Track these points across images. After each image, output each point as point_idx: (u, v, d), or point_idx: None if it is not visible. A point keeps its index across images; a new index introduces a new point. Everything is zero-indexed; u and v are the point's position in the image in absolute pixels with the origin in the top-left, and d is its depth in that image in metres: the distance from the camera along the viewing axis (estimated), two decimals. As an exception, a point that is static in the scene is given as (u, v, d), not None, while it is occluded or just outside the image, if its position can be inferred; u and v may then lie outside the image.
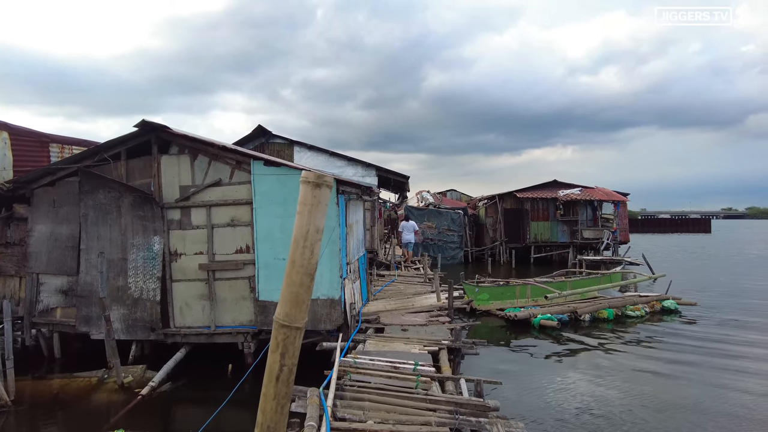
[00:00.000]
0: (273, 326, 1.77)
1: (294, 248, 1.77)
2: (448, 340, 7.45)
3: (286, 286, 1.78)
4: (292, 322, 1.79)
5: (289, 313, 1.78)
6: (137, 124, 8.34)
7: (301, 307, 1.78)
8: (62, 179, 8.98)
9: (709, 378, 8.58)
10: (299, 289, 1.78)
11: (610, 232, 26.16)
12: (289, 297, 1.78)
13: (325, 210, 1.75)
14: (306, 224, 1.77)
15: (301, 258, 1.75)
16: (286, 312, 1.79)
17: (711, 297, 15.91)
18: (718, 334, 11.51)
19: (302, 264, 1.76)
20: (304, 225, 1.74)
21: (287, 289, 1.77)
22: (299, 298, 1.77)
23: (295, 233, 1.75)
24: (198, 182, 8.64)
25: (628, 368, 9.20)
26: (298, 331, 1.80)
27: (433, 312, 9.69)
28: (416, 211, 26.30)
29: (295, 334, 1.79)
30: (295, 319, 1.79)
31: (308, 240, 1.73)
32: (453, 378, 5.74)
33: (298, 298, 1.77)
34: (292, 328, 1.79)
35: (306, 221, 1.78)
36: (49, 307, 9.02)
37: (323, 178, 1.70)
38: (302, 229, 1.75)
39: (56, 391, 7.70)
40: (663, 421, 6.79)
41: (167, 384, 7.86)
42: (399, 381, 5.33)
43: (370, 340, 7.51)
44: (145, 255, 8.65)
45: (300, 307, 1.77)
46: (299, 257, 1.76)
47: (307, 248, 1.73)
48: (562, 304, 13.31)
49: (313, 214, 1.75)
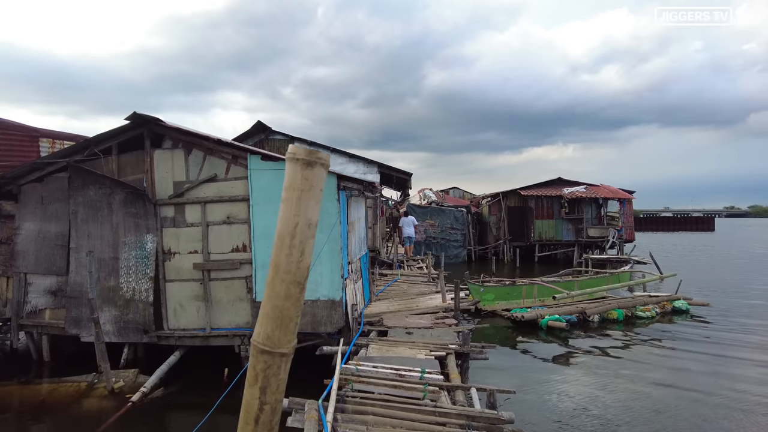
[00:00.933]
0: (251, 351, 1.27)
1: (278, 248, 1.26)
2: (455, 344, 7.05)
3: (267, 298, 1.29)
4: (276, 346, 1.32)
5: (271, 335, 1.31)
6: (129, 117, 7.94)
7: (288, 326, 1.28)
8: (51, 175, 8.58)
9: (725, 385, 8.17)
10: (285, 302, 1.28)
11: (616, 230, 25.73)
12: (272, 313, 1.30)
13: (319, 197, 1.30)
14: (294, 216, 1.31)
15: (288, 261, 1.28)
16: (267, 333, 1.32)
17: (722, 297, 15.48)
18: (734, 337, 11.09)
19: (289, 269, 1.29)
20: (292, 217, 1.29)
21: (269, 303, 1.29)
22: (285, 315, 1.29)
23: (280, 228, 1.29)
24: (192, 178, 8.25)
25: (641, 373, 8.79)
26: (284, 358, 1.31)
27: (439, 313, 9.30)
28: (419, 209, 25.88)
29: (279, 362, 1.30)
30: (279, 343, 1.31)
31: (297, 237, 1.27)
32: (463, 387, 5.34)
33: (284, 314, 1.29)
34: (275, 354, 1.31)
35: (294, 212, 1.31)
36: (37, 308, 8.63)
37: (316, 154, 1.25)
38: (289, 223, 1.29)
39: (43, 396, 7.32)
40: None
41: (160, 389, 7.48)
42: (405, 391, 4.94)
43: (373, 344, 7.11)
44: (138, 254, 8.26)
45: (286, 327, 1.27)
46: (285, 260, 1.29)
47: (296, 248, 1.27)
48: (569, 305, 12.91)
49: (304, 202, 1.30)
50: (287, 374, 1.35)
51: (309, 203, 1.26)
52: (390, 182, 21.40)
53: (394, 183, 21.69)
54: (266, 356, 1.30)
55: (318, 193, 1.28)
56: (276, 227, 1.27)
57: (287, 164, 1.26)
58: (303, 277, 1.30)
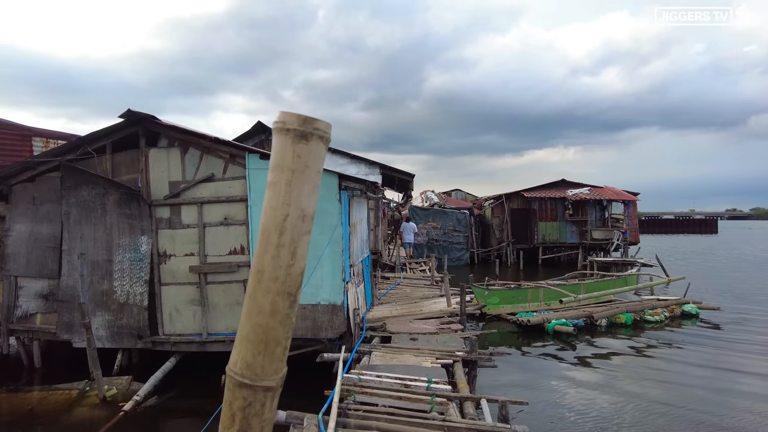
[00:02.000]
0: (226, 383, 0.91)
1: (262, 248, 0.95)
2: (462, 351, 6.74)
3: (247, 315, 0.89)
4: (258, 378, 0.96)
5: (252, 364, 0.95)
6: (123, 114, 7.66)
7: (275, 352, 0.95)
8: (43, 174, 8.30)
9: (740, 395, 7.85)
10: (270, 320, 0.94)
11: (620, 232, 25.40)
12: (253, 335, 0.95)
13: (316, 181, 0.96)
14: (283, 205, 0.94)
15: (274, 265, 0.89)
16: (246, 361, 0.96)
17: (732, 301, 15.12)
18: (748, 343, 10.74)
19: (276, 276, 0.89)
20: (280, 206, 0.92)
21: (249, 321, 0.89)
22: (271, 337, 0.88)
23: (264, 222, 0.91)
24: (189, 177, 7.97)
25: (653, 380, 8.47)
26: (269, 394, 0.96)
27: (444, 318, 8.99)
28: (421, 211, 25.56)
29: (263, 398, 0.96)
30: (262, 374, 0.95)
31: (287, 233, 0.89)
32: (473, 398, 5.03)
33: (269, 336, 0.88)
34: (258, 388, 0.96)
35: (282, 200, 0.93)
36: (28, 312, 8.34)
37: (313, 123, 0.89)
38: (276, 215, 0.92)
39: (32, 405, 7.02)
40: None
41: (153, 397, 7.18)
42: (411, 402, 4.64)
43: (376, 351, 6.80)
44: (132, 256, 7.98)
45: (272, 353, 0.94)
46: (271, 263, 0.90)
47: (285, 248, 0.88)
48: (576, 309, 12.59)
49: (296, 187, 0.94)
50: (274, 412, 1.00)
51: (303, 188, 0.91)
52: (392, 184, 21.12)
53: (396, 185, 21.41)
54: (246, 391, 0.95)
55: (315, 176, 0.94)
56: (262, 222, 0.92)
57: (274, 136, 0.91)
58: (295, 287, 0.93)
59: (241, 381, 0.93)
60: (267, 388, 0.94)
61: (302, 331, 7.66)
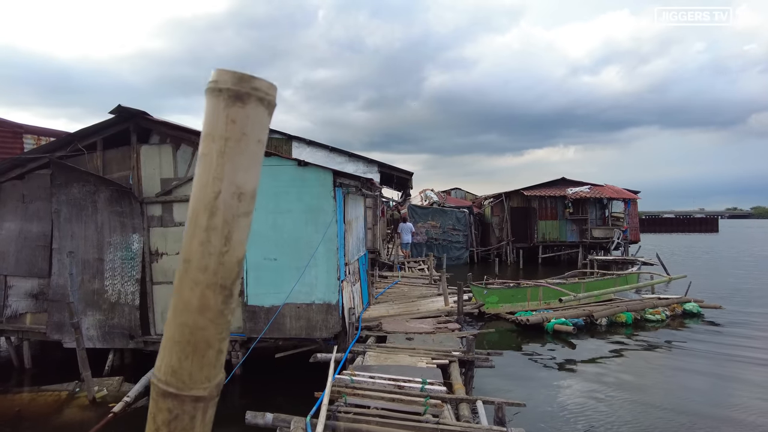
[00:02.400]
0: (150, 392, 0.74)
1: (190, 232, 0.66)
2: (459, 351, 6.59)
3: (173, 312, 0.72)
4: (185, 386, 0.78)
5: (178, 369, 0.78)
6: (113, 110, 7.52)
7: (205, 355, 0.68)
8: (32, 172, 8.15)
9: (743, 396, 7.71)
10: (199, 317, 0.76)
11: (621, 231, 25.24)
12: (180, 335, 0.71)
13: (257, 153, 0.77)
14: (214, 181, 0.76)
15: (203, 252, 0.71)
16: (171, 366, 0.78)
17: (734, 300, 14.93)
18: (752, 342, 10.58)
19: (205, 265, 0.72)
20: (211, 182, 0.74)
21: (174, 319, 0.72)
22: (200, 338, 0.71)
23: (193, 201, 0.73)
24: (181, 174, 7.83)
25: (654, 381, 8.34)
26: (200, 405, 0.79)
27: (441, 318, 8.83)
28: (420, 210, 25.39)
29: (192, 411, 0.79)
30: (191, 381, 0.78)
31: (218, 214, 0.72)
32: (468, 399, 4.88)
33: (197, 336, 0.71)
34: (186, 399, 0.79)
35: (213, 174, 0.74)
36: (18, 312, 8.20)
37: (251, 83, 0.73)
38: (206, 192, 0.74)
39: (20, 407, 6.88)
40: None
41: (144, 398, 7.03)
42: (404, 404, 4.49)
43: (370, 351, 6.66)
44: (123, 255, 7.84)
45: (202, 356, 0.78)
46: (199, 250, 0.72)
47: (216, 231, 0.71)
48: (576, 308, 12.44)
49: (230, 159, 0.76)
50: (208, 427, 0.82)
51: (238, 161, 0.75)
52: (390, 182, 20.96)
53: (394, 183, 21.25)
54: (171, 401, 0.78)
55: (254, 147, 0.78)
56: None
57: (206, 99, 0.76)
58: (229, 278, 0.76)
59: (165, 390, 0.78)
60: (197, 398, 0.78)
61: (296, 331, 7.52)
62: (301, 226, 7.44)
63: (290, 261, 7.40)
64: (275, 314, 7.34)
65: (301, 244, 7.39)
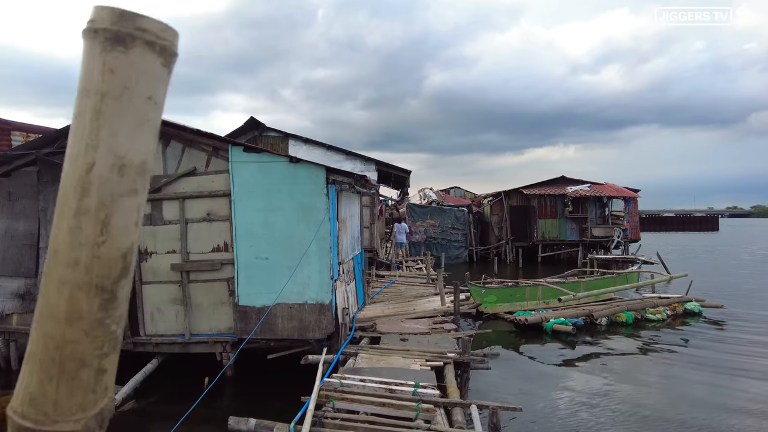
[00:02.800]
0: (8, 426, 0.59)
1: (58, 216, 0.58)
2: (454, 353, 6.41)
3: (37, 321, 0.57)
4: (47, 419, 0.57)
5: (36, 395, 0.58)
6: (100, 106, 7.33)
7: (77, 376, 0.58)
8: (19, 169, 7.97)
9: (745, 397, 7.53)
10: (67, 328, 0.57)
11: (621, 230, 25.04)
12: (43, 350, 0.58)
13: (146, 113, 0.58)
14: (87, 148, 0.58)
15: (72, 241, 0.55)
16: (31, 393, 0.58)
17: (735, 299, 14.73)
18: (753, 341, 10.39)
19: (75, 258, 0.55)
20: (84, 151, 0.56)
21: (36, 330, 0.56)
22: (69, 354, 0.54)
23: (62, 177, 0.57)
24: (170, 171, 7.64)
25: (655, 382, 8.16)
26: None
27: (437, 318, 8.66)
28: (419, 209, 25.20)
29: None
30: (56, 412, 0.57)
31: (92, 192, 0.55)
32: (462, 404, 4.70)
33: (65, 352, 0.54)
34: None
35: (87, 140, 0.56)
36: (4, 313, 8.02)
37: (135, 22, 0.55)
38: (77, 164, 0.56)
39: (2, 409, 6.70)
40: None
41: (132, 401, 6.87)
42: (395, 409, 4.31)
43: (363, 352, 6.48)
44: (111, 254, 7.65)
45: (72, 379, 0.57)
46: (67, 239, 0.55)
47: (90, 215, 0.54)
48: (575, 307, 12.26)
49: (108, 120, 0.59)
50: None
51: (119, 123, 0.56)
52: (388, 180, 20.80)
53: (392, 181, 21.08)
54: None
55: (143, 106, 0.58)
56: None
57: (83, 44, 0.57)
58: (109, 277, 0.56)
59: (20, 424, 0.59)
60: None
61: (288, 332, 7.34)
62: (293, 224, 7.26)
63: (282, 260, 7.23)
64: (265, 314, 7.17)
65: (293, 242, 7.22)
